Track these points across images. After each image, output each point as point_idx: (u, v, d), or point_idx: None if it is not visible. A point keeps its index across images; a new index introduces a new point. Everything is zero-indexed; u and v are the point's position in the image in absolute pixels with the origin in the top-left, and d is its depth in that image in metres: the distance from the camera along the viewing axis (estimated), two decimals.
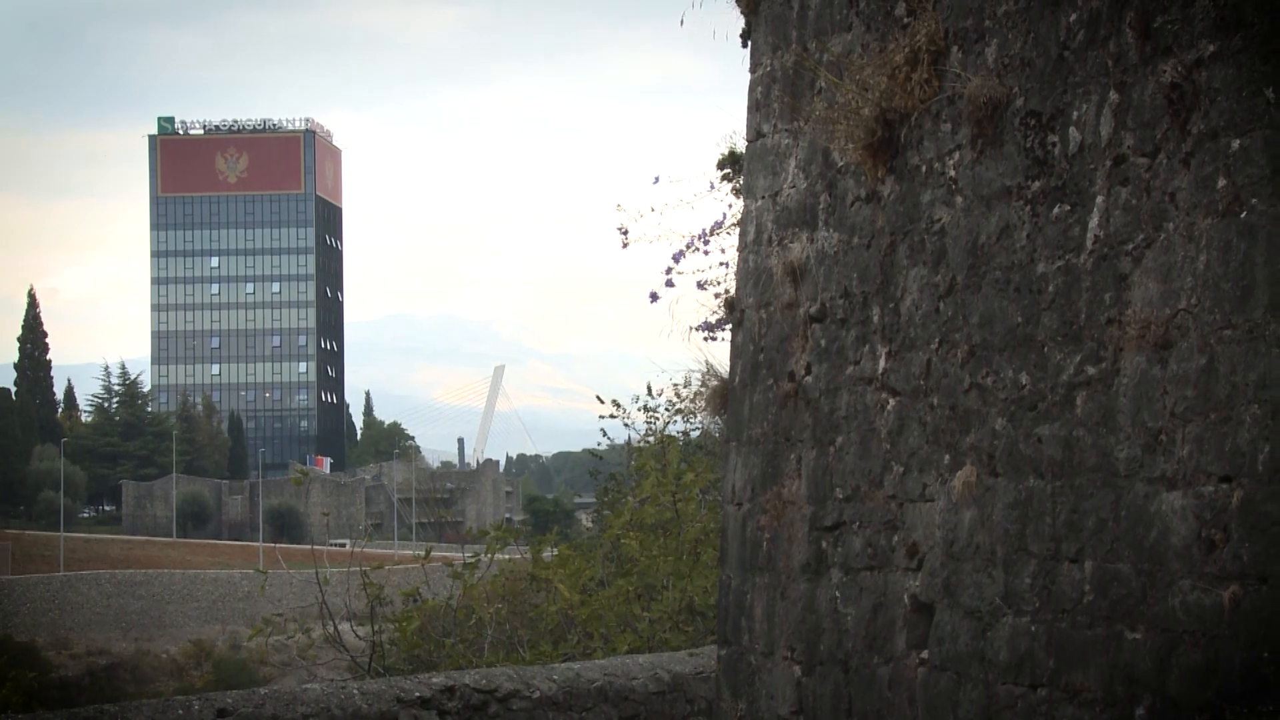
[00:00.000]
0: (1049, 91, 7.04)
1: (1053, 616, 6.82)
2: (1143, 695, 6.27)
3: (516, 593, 17.23)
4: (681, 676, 10.53)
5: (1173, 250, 6.27)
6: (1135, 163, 6.51)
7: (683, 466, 18.03)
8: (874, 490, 8.19)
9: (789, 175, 9.21)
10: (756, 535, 9.27)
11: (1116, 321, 6.56)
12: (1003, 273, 7.28)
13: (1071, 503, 6.75)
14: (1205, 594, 5.97)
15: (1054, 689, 6.78)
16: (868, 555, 8.21)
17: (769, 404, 9.23)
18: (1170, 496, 6.20)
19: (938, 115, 7.81)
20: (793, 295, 9.04)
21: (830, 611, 8.47)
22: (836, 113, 8.38)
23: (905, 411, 7.96)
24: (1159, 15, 6.39)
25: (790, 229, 9.14)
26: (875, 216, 8.31)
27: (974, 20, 7.58)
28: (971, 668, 7.31)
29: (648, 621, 15.61)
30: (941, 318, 7.72)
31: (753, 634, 9.25)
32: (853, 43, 8.57)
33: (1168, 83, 6.28)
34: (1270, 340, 5.71)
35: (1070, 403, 6.80)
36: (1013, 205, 7.24)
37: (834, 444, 8.56)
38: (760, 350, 9.39)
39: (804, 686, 8.67)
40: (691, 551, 16.75)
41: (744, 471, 9.50)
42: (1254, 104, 5.86)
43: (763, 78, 9.61)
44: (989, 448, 7.30)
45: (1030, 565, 6.98)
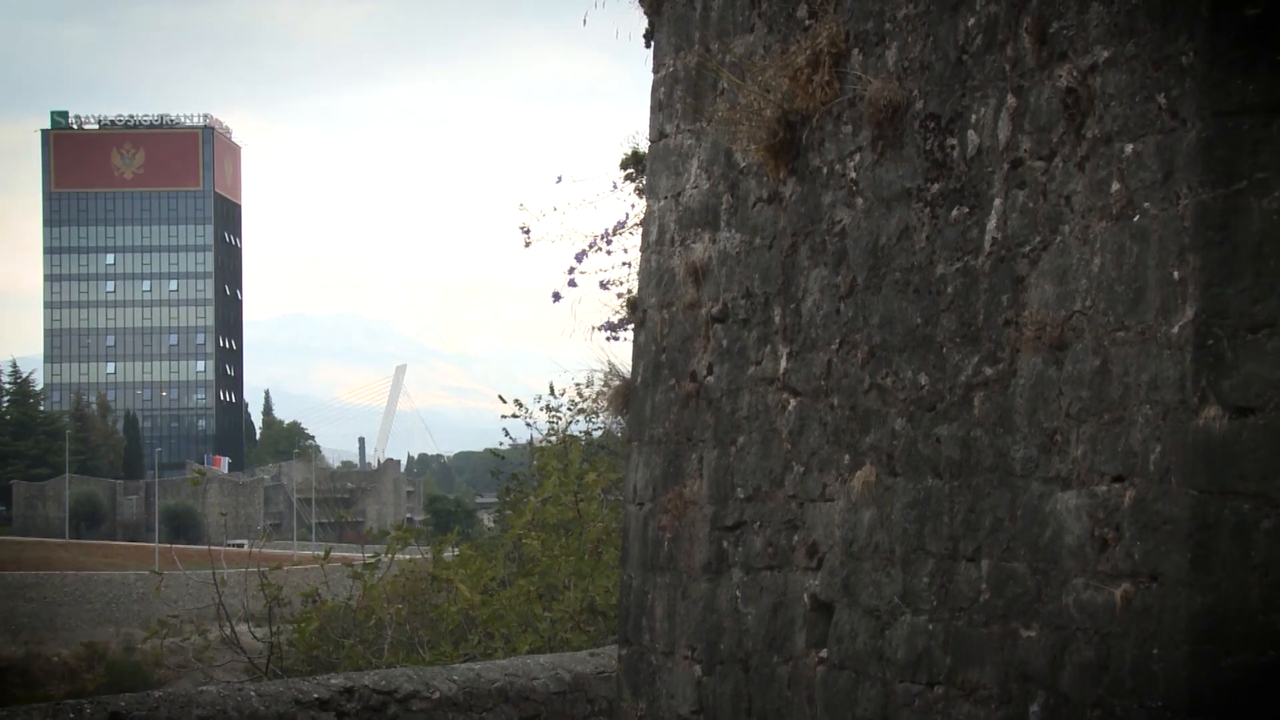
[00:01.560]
0: (948, 95, 7.11)
1: (950, 615, 6.89)
2: (1037, 692, 6.35)
3: (417, 593, 17.14)
4: (582, 676, 10.52)
5: (1068, 253, 6.36)
6: (1032, 166, 6.59)
7: (585, 466, 18.03)
8: (774, 490, 8.23)
9: (691, 176, 9.23)
10: (658, 535, 9.28)
11: (1013, 323, 6.63)
12: (902, 274, 7.34)
13: (969, 502, 6.83)
14: (1098, 592, 6.06)
15: (950, 687, 6.85)
16: (768, 555, 8.25)
17: (671, 404, 9.24)
18: (1065, 496, 6.28)
19: (839, 117, 7.86)
20: (695, 295, 9.06)
21: (731, 611, 8.50)
22: (739, 114, 8.41)
23: (806, 412, 8.01)
24: (1055, 21, 6.48)
25: (693, 229, 9.16)
26: (777, 217, 8.35)
27: (874, 23, 7.64)
28: (870, 666, 7.37)
29: (549, 621, 15.58)
30: (842, 318, 7.77)
31: (653, 633, 9.26)
32: (755, 44, 8.60)
33: (1063, 87, 6.37)
34: (1161, 342, 5.81)
35: (968, 403, 6.87)
36: (912, 207, 7.31)
37: (735, 444, 8.59)
38: (662, 350, 9.40)
39: (704, 686, 8.69)
40: (593, 551, 16.75)
41: (645, 471, 9.51)
42: (1147, 110, 5.96)
43: (666, 78, 9.63)
44: (888, 448, 7.36)
45: (928, 564, 7.05)
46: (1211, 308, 5.59)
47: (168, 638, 18.99)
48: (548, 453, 18.71)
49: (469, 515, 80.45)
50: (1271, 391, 5.46)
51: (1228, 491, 5.53)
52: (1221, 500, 5.54)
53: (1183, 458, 5.67)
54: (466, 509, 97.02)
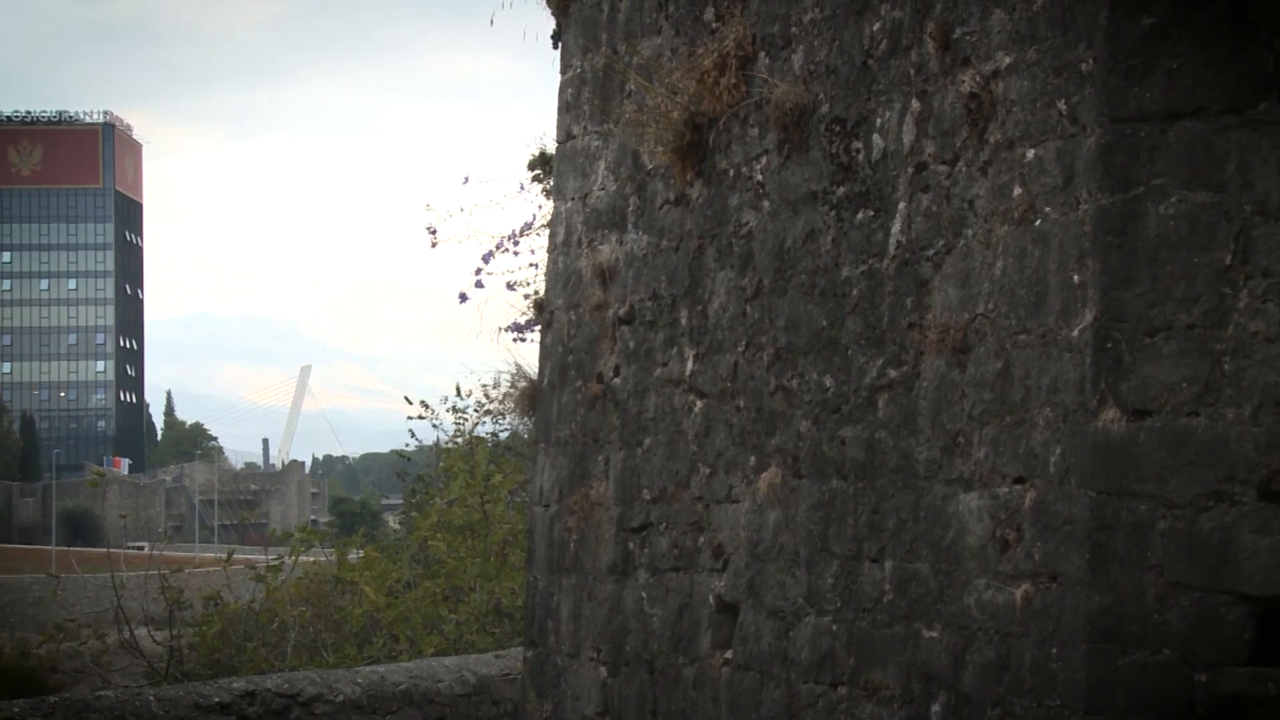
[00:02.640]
0: (853, 99, 7.16)
1: (853, 616, 6.94)
2: (939, 692, 6.41)
3: (321, 595, 17.01)
4: (488, 678, 10.49)
5: (971, 256, 6.42)
6: (936, 170, 6.65)
7: (491, 468, 17.97)
8: (681, 491, 8.25)
9: (599, 177, 9.23)
10: (564, 537, 9.26)
11: (917, 326, 6.69)
12: (808, 277, 7.38)
13: (873, 503, 6.87)
14: (999, 592, 6.13)
15: (854, 687, 6.89)
16: (674, 556, 8.26)
17: (577, 405, 9.23)
18: (967, 497, 6.34)
19: (745, 120, 7.89)
20: (602, 297, 9.06)
21: (636, 612, 8.51)
22: (646, 116, 8.42)
23: (712, 413, 8.03)
24: (958, 27, 6.54)
25: (600, 231, 9.15)
26: (684, 219, 8.37)
27: (781, 27, 7.68)
28: (774, 667, 7.40)
29: (454, 623, 15.53)
30: (748, 321, 7.80)
31: (559, 635, 9.24)
32: (662, 46, 8.62)
33: (966, 93, 6.43)
34: (1062, 345, 5.88)
35: (872, 405, 6.92)
36: (818, 210, 7.35)
37: (642, 445, 8.59)
38: (569, 352, 9.38)
39: (609, 687, 8.69)
40: (499, 553, 16.71)
41: (552, 473, 9.49)
42: (1048, 115, 6.03)
43: (573, 79, 9.61)
44: (794, 449, 7.40)
45: (832, 565, 7.09)
46: (1110, 311, 5.67)
47: (64, 642, 18.55)
48: (454, 454, 18.66)
49: (374, 517, 79.87)
50: (1168, 394, 5.55)
51: (1125, 493, 5.61)
52: (1119, 501, 5.62)
53: (1082, 459, 5.74)
54: (372, 511, 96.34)
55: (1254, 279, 5.43)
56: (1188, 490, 5.49)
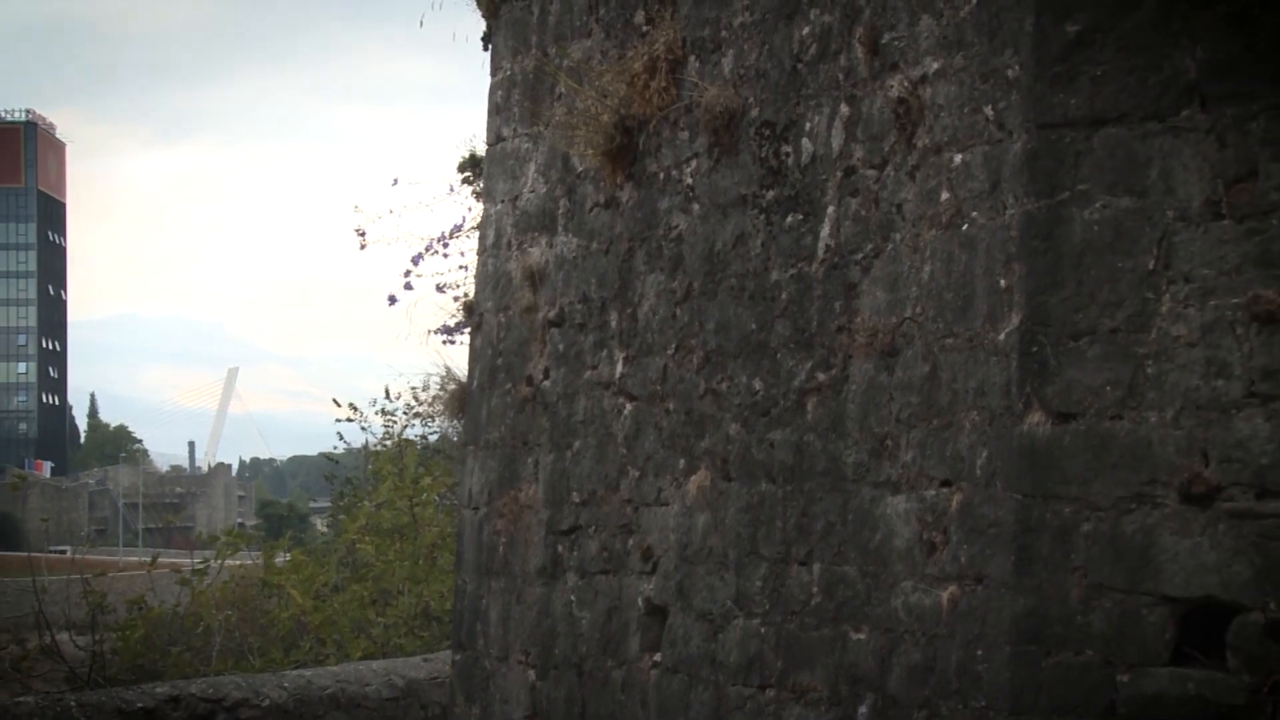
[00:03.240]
0: (783, 103, 7.19)
1: (782, 618, 6.96)
2: (865, 694, 6.44)
3: (247, 599, 16.89)
4: (416, 682, 10.44)
5: (899, 260, 6.46)
6: (864, 174, 6.69)
7: (420, 470, 17.93)
8: (610, 494, 8.24)
9: (529, 180, 9.21)
10: (493, 539, 9.24)
11: (846, 329, 6.72)
12: (738, 280, 7.40)
13: (801, 506, 6.90)
14: (925, 595, 6.17)
15: (782, 689, 6.91)
16: (603, 559, 8.25)
17: (507, 408, 9.21)
18: (895, 500, 6.38)
19: (675, 123, 7.91)
20: (531, 299, 9.04)
21: (565, 615, 8.49)
22: (576, 118, 8.41)
23: (642, 416, 8.03)
24: (887, 32, 6.58)
25: (530, 233, 9.14)
26: (614, 222, 8.37)
27: (711, 31, 7.70)
28: (703, 669, 7.41)
29: (383, 627, 15.47)
30: (678, 324, 7.81)
31: (488, 638, 9.21)
32: (593, 49, 8.61)
33: (895, 97, 6.47)
34: (988, 349, 5.93)
35: (801, 408, 6.94)
36: (748, 214, 7.37)
37: (571, 448, 8.58)
38: (499, 354, 9.36)
39: (538, 691, 8.67)
40: (428, 556, 16.67)
41: (481, 475, 9.46)
42: (974, 121, 6.08)
43: (503, 81, 9.59)
44: (723, 452, 7.41)
45: (761, 568, 7.11)
46: (1036, 316, 5.72)
47: None
48: (383, 457, 18.60)
49: (302, 520, 79.27)
50: (1092, 398, 5.60)
51: (1050, 495, 5.66)
52: (1044, 504, 5.67)
53: (1007, 462, 5.79)
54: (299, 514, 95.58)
55: (1176, 284, 5.49)
56: (1111, 493, 5.55)
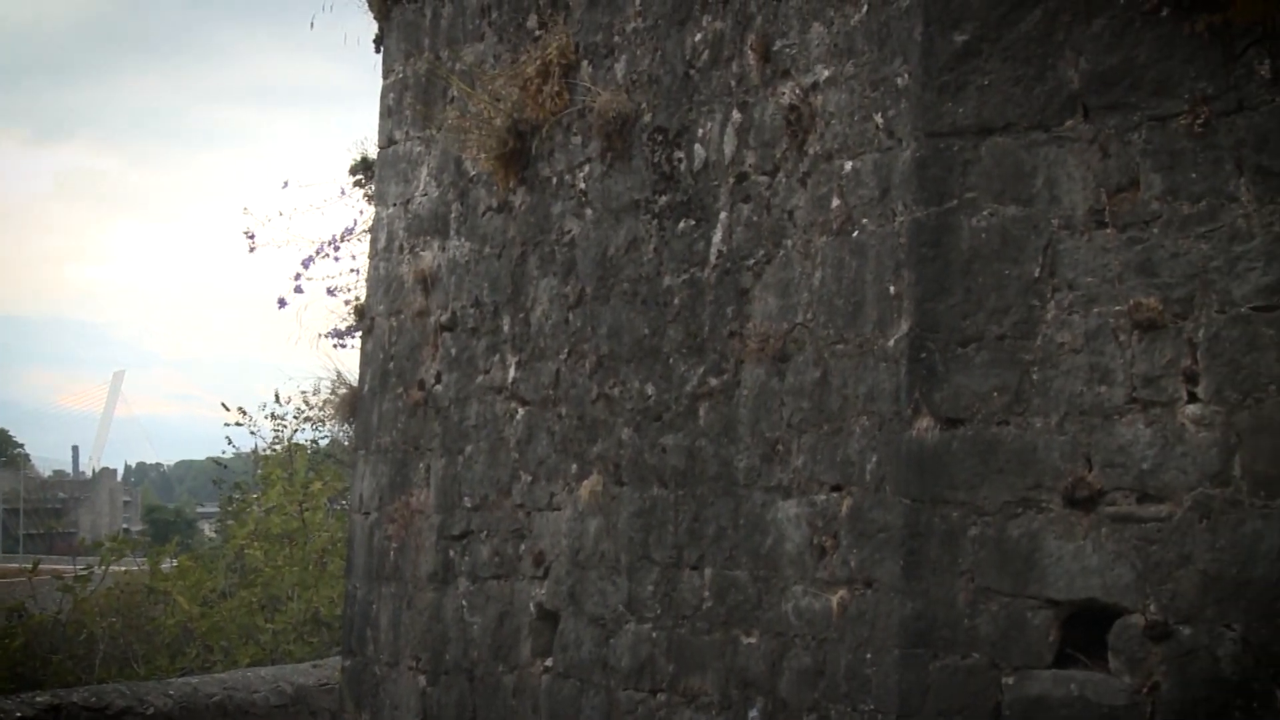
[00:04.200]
0: (675, 108, 7.21)
1: (673, 623, 6.97)
2: (756, 697, 6.47)
3: (132, 606, 16.64)
4: (305, 689, 10.35)
5: (790, 266, 6.50)
6: (756, 181, 6.72)
7: (311, 475, 17.79)
8: (502, 499, 8.22)
9: (421, 183, 9.16)
10: (384, 544, 9.17)
11: (738, 335, 6.75)
12: (630, 285, 7.41)
13: (693, 511, 6.92)
14: (815, 599, 6.21)
15: (673, 694, 6.93)
16: (495, 564, 8.22)
17: (398, 412, 9.15)
18: (786, 505, 6.41)
19: (568, 128, 7.90)
20: (424, 303, 8.99)
21: (457, 621, 8.45)
22: (469, 122, 8.38)
23: (534, 421, 8.01)
24: (778, 39, 6.62)
25: (422, 237, 9.08)
26: (507, 226, 8.34)
27: (604, 36, 7.70)
28: (594, 674, 7.41)
29: (271, 633, 15.32)
30: (570, 328, 7.80)
31: (378, 644, 9.14)
32: (485, 53, 8.58)
33: (786, 104, 6.51)
34: (878, 355, 5.98)
35: (693, 413, 6.96)
36: (640, 219, 7.38)
37: (463, 453, 8.54)
38: (390, 358, 9.30)
39: (428, 696, 8.62)
40: (318, 561, 16.53)
41: (372, 480, 9.39)
42: (865, 128, 6.13)
43: (395, 84, 9.53)
44: (615, 457, 7.41)
45: (653, 573, 7.12)
46: (924, 322, 5.78)
47: None
48: (272, 461, 18.44)
49: (189, 525, 78.16)
50: (979, 403, 5.67)
51: (938, 500, 5.72)
52: (932, 509, 5.73)
53: (896, 467, 5.84)
54: (187, 519, 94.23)
55: (1061, 291, 5.58)
56: (997, 497, 5.62)
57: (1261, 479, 5.22)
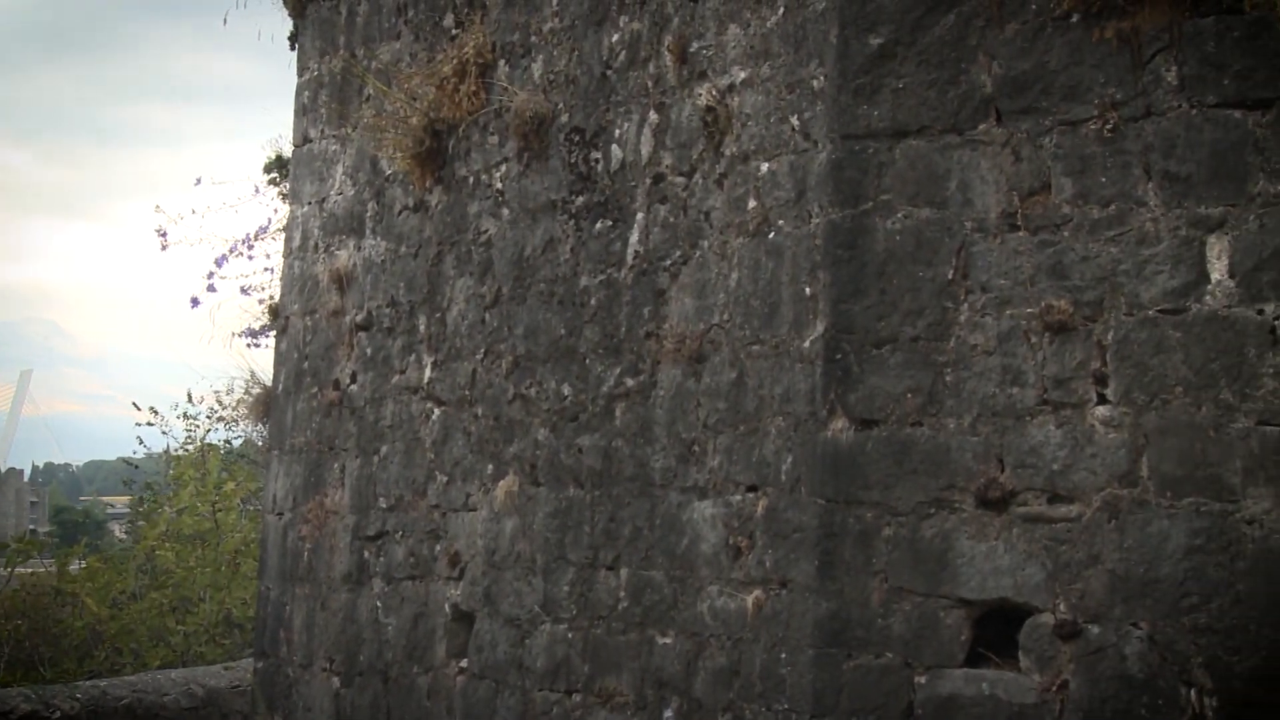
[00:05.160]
0: (592, 109, 7.21)
1: (589, 623, 6.97)
2: (671, 698, 6.48)
3: (39, 608, 16.41)
4: (216, 691, 10.25)
5: (707, 267, 6.52)
6: (673, 181, 6.74)
7: (223, 475, 17.65)
8: (417, 500, 8.18)
9: (336, 182, 9.10)
10: (298, 545, 9.10)
11: (655, 335, 6.76)
12: (547, 285, 7.40)
13: (609, 511, 6.92)
14: (731, 599, 6.23)
15: (588, 694, 6.93)
16: (410, 565, 8.18)
17: (313, 412, 9.08)
18: (701, 505, 6.43)
19: (485, 128, 7.88)
20: (339, 303, 8.93)
21: (371, 622, 8.40)
22: (385, 121, 8.33)
23: (450, 421, 7.98)
24: (695, 40, 6.64)
25: (337, 236, 9.02)
26: (423, 226, 8.30)
27: (521, 36, 7.69)
28: (510, 675, 7.39)
29: (183, 635, 15.17)
30: (487, 328, 7.78)
31: (291, 646, 9.07)
32: (401, 51, 8.54)
33: (703, 106, 6.53)
34: (794, 356, 6.01)
35: (610, 414, 6.96)
36: (557, 219, 7.37)
37: (378, 453, 8.50)
38: (305, 358, 9.23)
39: (342, 698, 8.57)
40: (231, 562, 16.39)
41: (286, 480, 9.31)
42: (781, 130, 6.16)
43: (310, 82, 9.46)
44: (531, 457, 7.40)
45: (569, 573, 7.11)
46: (840, 324, 5.82)
47: None
48: (184, 461, 18.26)
49: (99, 526, 77.18)
50: (894, 405, 5.72)
51: (853, 501, 5.76)
52: (847, 509, 5.77)
53: (812, 468, 5.88)
54: (96, 520, 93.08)
55: (974, 293, 5.64)
56: (911, 498, 5.67)
57: (1168, 479, 5.30)
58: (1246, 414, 5.22)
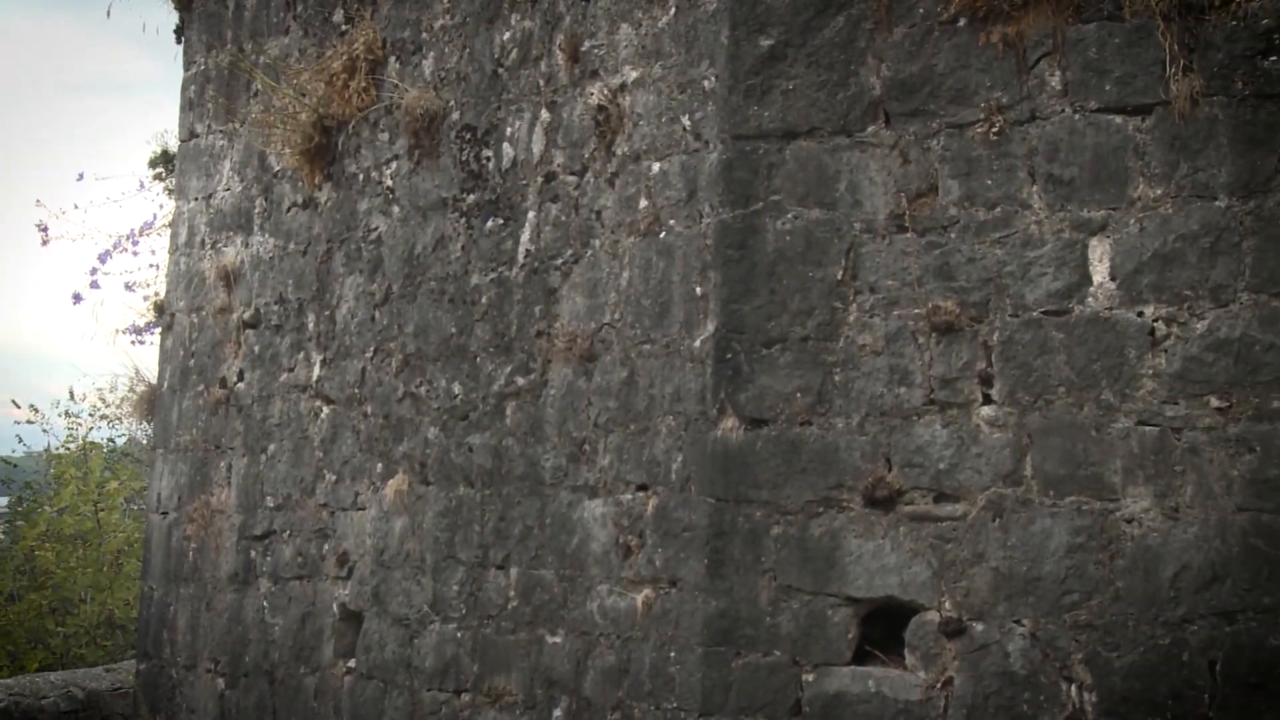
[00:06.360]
0: (484, 107, 7.18)
1: (478, 623, 6.95)
2: (560, 697, 6.48)
3: None
4: (97, 694, 10.07)
5: (598, 266, 6.52)
6: (565, 180, 6.73)
7: (106, 474, 17.36)
8: (305, 499, 8.10)
9: (224, 177, 8.99)
10: (183, 545, 8.98)
11: (546, 334, 6.75)
12: (438, 283, 7.36)
13: (499, 510, 6.90)
14: (621, 598, 6.24)
15: (477, 694, 6.90)
16: (297, 564, 8.10)
17: (199, 411, 8.96)
18: (592, 504, 6.43)
19: (376, 124, 7.82)
20: (226, 300, 8.82)
21: (257, 622, 8.31)
22: (273, 117, 8.24)
23: (339, 420, 7.92)
24: (587, 39, 6.64)
25: (224, 232, 8.92)
26: (312, 223, 8.23)
27: (411, 32, 7.64)
28: (398, 675, 7.34)
29: (62, 637, 14.90)
30: (377, 326, 7.72)
31: (175, 647, 8.95)
32: (290, 47, 8.46)
33: (595, 105, 6.53)
34: (685, 355, 6.03)
35: (500, 413, 6.94)
36: (448, 217, 7.34)
37: (266, 452, 8.40)
38: (191, 355, 9.11)
39: (227, 700, 8.46)
40: (113, 563, 16.12)
41: (171, 479, 9.19)
42: (672, 130, 6.18)
43: (197, 76, 9.34)
44: (421, 456, 7.36)
45: (459, 572, 7.08)
46: (730, 323, 5.84)
47: None
48: (66, 460, 17.93)
49: None
50: (783, 404, 5.75)
51: (742, 500, 5.79)
52: (736, 508, 5.79)
53: (702, 467, 5.90)
54: None
55: (862, 294, 5.69)
56: (800, 497, 5.71)
57: (1051, 479, 5.39)
58: (1126, 414, 5.32)
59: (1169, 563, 5.24)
